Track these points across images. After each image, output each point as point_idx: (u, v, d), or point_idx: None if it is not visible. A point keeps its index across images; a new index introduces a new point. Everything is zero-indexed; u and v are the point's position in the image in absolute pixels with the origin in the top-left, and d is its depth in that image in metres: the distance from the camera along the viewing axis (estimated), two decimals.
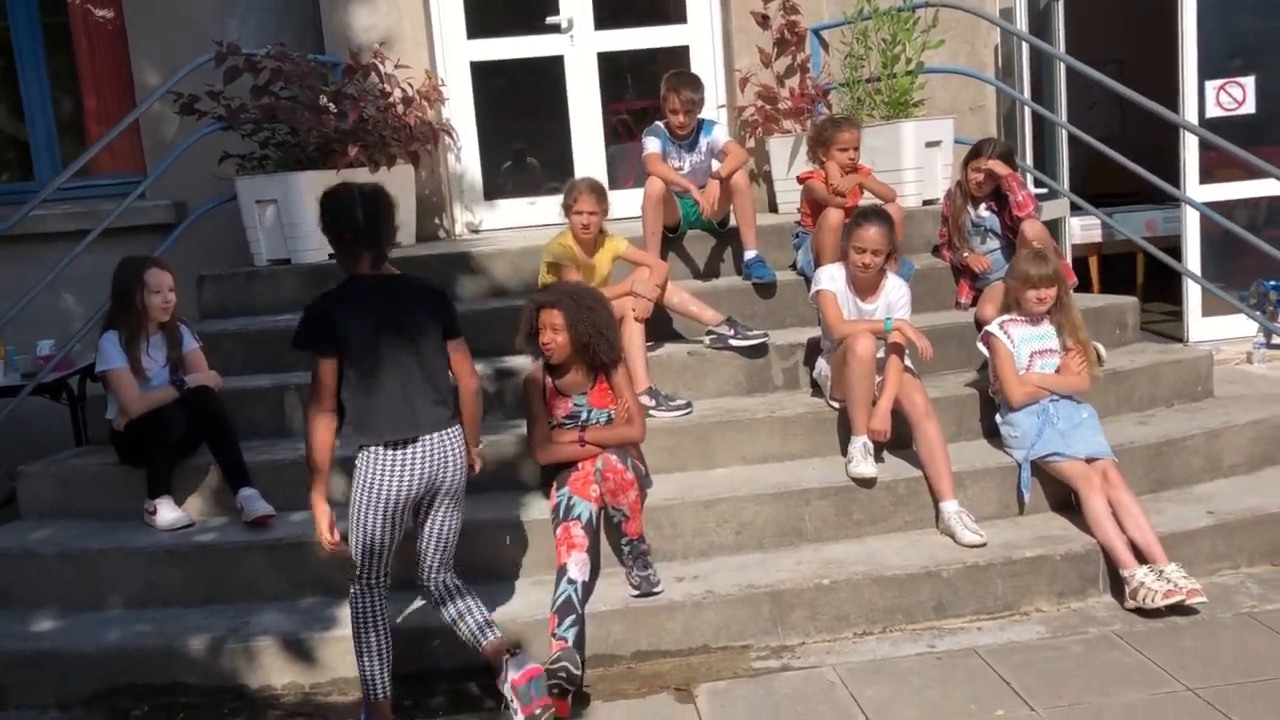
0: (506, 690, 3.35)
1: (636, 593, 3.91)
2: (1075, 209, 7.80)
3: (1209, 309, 8.05)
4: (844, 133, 5.21)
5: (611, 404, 4.14)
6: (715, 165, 5.38)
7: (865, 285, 4.55)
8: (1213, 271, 8.28)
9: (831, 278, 4.56)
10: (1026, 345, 4.44)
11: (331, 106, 5.58)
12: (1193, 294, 8.05)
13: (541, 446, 4.15)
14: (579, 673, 3.47)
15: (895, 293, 4.54)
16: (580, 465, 4.08)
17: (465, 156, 6.90)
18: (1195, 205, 6.28)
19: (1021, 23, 7.19)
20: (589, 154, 6.98)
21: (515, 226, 6.89)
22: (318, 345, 3.28)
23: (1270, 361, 7.85)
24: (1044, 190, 7.06)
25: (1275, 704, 3.26)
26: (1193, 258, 8.15)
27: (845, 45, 6.40)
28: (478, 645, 3.45)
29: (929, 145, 5.89)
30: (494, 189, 7.02)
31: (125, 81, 7.02)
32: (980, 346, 4.53)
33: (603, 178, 6.82)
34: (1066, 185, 7.82)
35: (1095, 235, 9.42)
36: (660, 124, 5.47)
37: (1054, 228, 7.82)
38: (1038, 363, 4.45)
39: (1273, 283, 8.08)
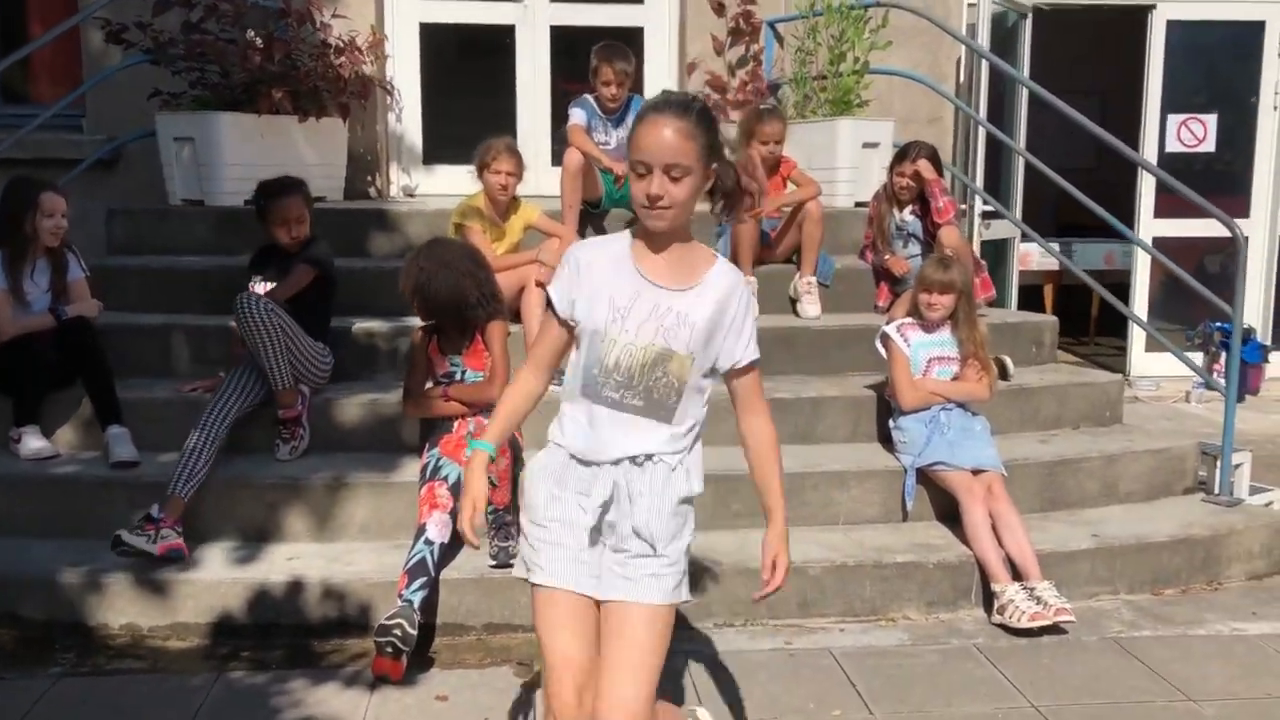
0: None
1: (494, 563, 3.81)
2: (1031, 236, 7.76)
3: (1151, 345, 8.03)
4: (766, 125, 5.13)
5: (486, 365, 4.04)
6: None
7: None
8: (1162, 309, 8.25)
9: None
10: (925, 350, 4.36)
11: (258, 43, 5.45)
12: (1137, 330, 8.02)
13: (410, 400, 4.09)
14: (414, 632, 3.37)
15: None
16: (455, 427, 3.99)
17: (406, 118, 6.80)
18: (1137, 242, 6.21)
19: (984, 38, 7.11)
20: (534, 126, 6.88)
21: (452, 194, 6.75)
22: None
23: (1208, 402, 7.81)
24: (992, 208, 7.01)
25: None
26: (1141, 293, 8.14)
27: (798, 40, 6.32)
28: None
29: (866, 146, 5.81)
30: (434, 154, 6.91)
31: (73, 13, 6.88)
32: (878, 347, 4.45)
33: (548, 154, 6.76)
34: (1020, 206, 7.78)
35: (1053, 263, 9.35)
36: (589, 96, 5.37)
37: (1003, 249, 7.79)
38: (935, 369, 4.37)
39: (1219, 324, 8.06)
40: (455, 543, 3.87)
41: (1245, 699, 3.35)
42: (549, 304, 2.34)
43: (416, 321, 4.71)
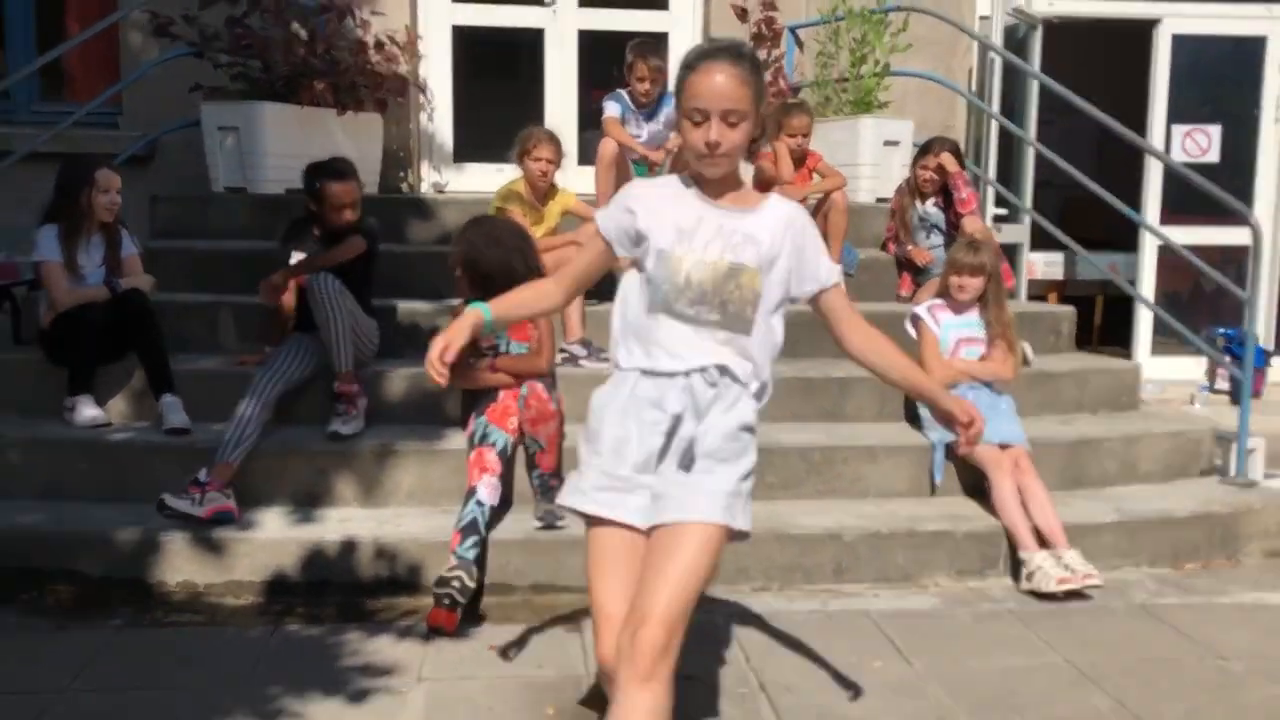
0: None
1: (540, 524, 3.93)
2: (1038, 245, 7.92)
3: (1157, 350, 8.18)
4: (794, 118, 5.30)
5: (531, 337, 4.16)
6: (672, 136, 5.44)
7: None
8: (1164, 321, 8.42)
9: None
10: (953, 331, 4.51)
11: (303, 34, 5.61)
12: (1142, 335, 8.17)
13: (455, 371, 4.16)
14: (473, 585, 3.48)
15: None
16: (500, 397, 4.10)
17: (438, 117, 6.96)
18: (1158, 233, 6.32)
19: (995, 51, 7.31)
20: (562, 128, 6.97)
21: (480, 192, 6.91)
22: None
23: (1213, 405, 7.97)
24: (1003, 212, 7.18)
25: (1147, 679, 3.30)
26: (1146, 296, 8.29)
27: (819, 44, 6.50)
28: None
29: (887, 144, 5.99)
30: (463, 152, 7.07)
31: (109, 9, 7.05)
32: (908, 328, 4.59)
33: (575, 154, 6.90)
34: (1028, 216, 7.95)
35: (1057, 273, 9.51)
36: (623, 91, 5.53)
37: (1011, 254, 7.94)
38: (963, 350, 4.51)
39: (1222, 330, 8.23)
40: (504, 505, 4.01)
41: (1273, 657, 3.47)
42: (597, 230, 2.41)
43: (455, 302, 4.86)
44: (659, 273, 2.30)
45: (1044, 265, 9.35)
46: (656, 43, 5.53)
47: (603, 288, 5.22)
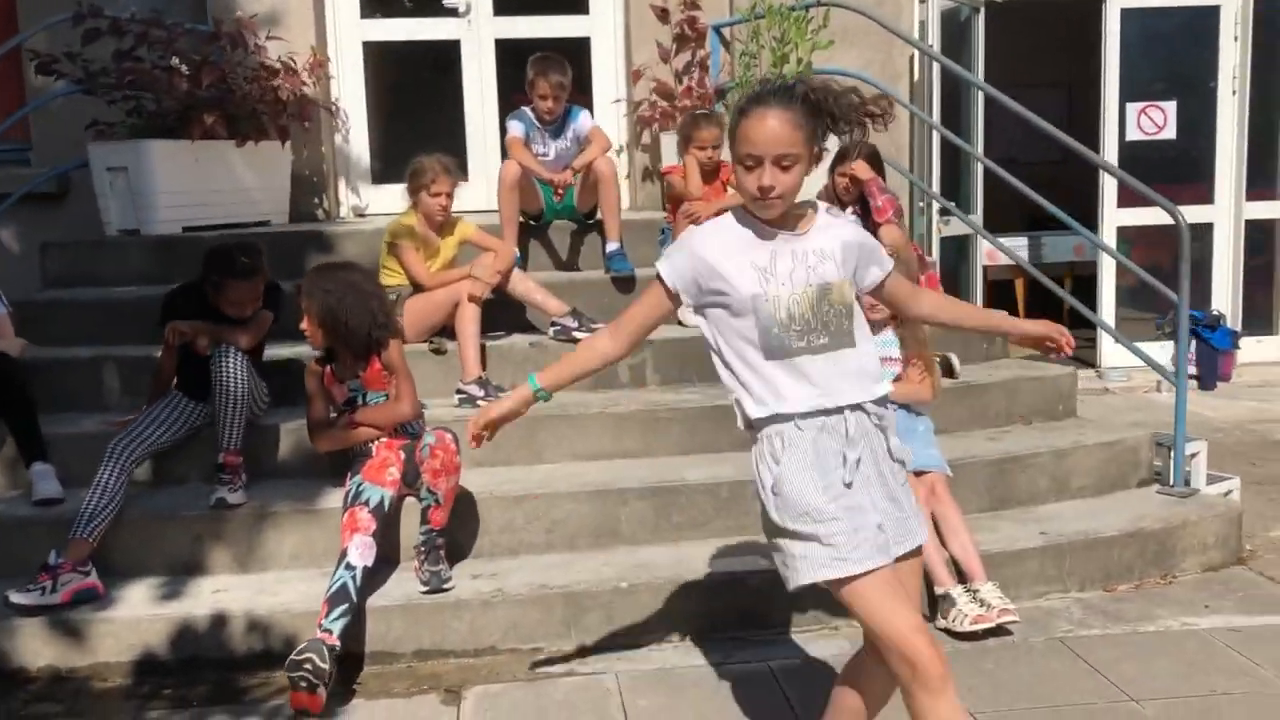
0: None
1: (425, 588, 3.71)
2: (999, 230, 7.67)
3: (1124, 332, 7.94)
4: (703, 130, 5.06)
5: (389, 385, 3.95)
6: (580, 156, 5.22)
7: None
8: (1132, 298, 8.18)
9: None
10: None
11: (184, 69, 5.38)
12: (1106, 320, 7.93)
13: (316, 433, 3.99)
14: (325, 666, 3.27)
15: None
16: (376, 451, 3.90)
17: (354, 138, 6.73)
18: (1086, 234, 6.11)
19: (933, 37, 7.05)
20: (484, 140, 6.82)
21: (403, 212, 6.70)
22: None
23: None
24: (951, 204, 6.93)
25: None
26: (1109, 283, 8.06)
27: (742, 43, 6.25)
28: None
29: None
30: (383, 172, 6.83)
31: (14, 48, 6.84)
32: None
33: (497, 167, 6.67)
34: (981, 200, 7.70)
35: (1021, 257, 9.24)
36: (526, 109, 5.31)
37: (965, 244, 7.72)
38: None
39: (1190, 312, 7.97)
40: (381, 568, 3.79)
41: (1188, 697, 3.25)
42: (659, 278, 2.43)
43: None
44: (761, 319, 2.33)
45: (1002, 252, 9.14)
46: (560, 56, 5.27)
47: (514, 319, 5.07)
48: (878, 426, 2.40)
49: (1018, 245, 9.38)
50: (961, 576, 3.85)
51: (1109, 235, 7.94)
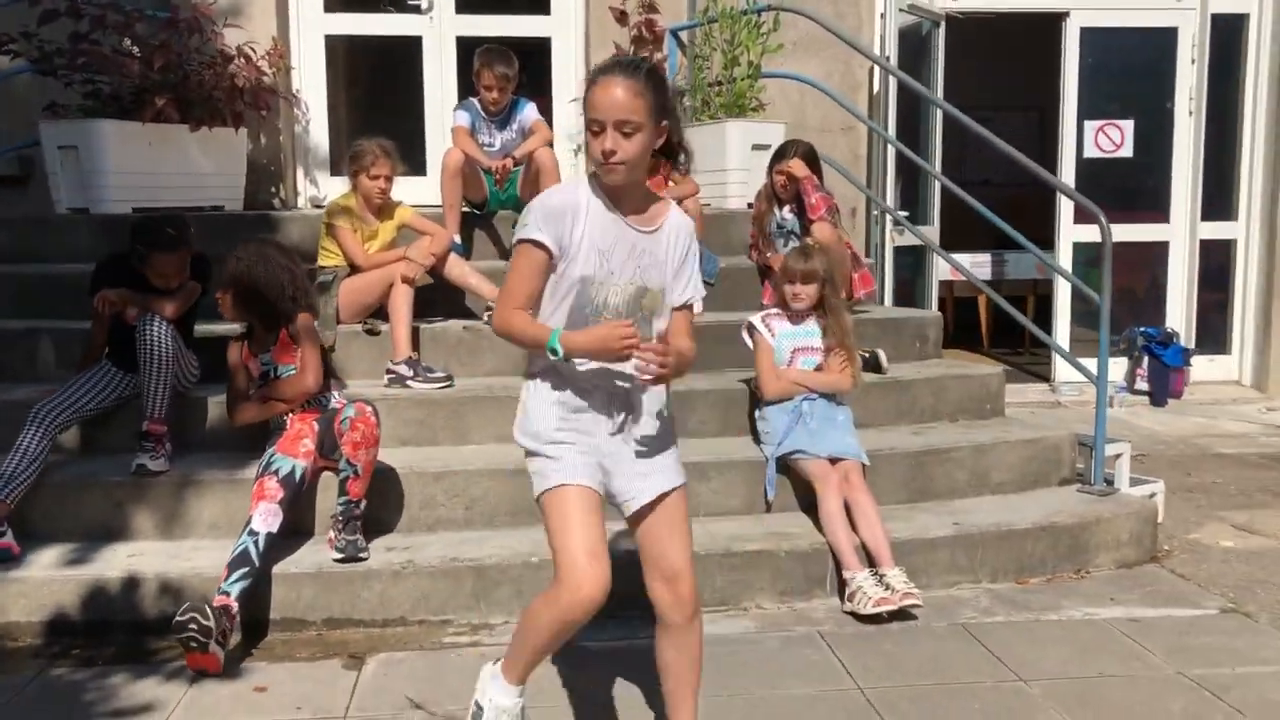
0: None
1: (340, 556, 3.75)
2: (961, 247, 7.74)
3: (1076, 352, 8.00)
4: None
5: (295, 359, 3.99)
6: (522, 145, 5.29)
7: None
8: (1087, 316, 8.23)
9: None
10: (789, 341, 4.33)
11: (135, 51, 5.44)
12: (1061, 336, 8.02)
13: (232, 407, 4.04)
14: (209, 624, 3.29)
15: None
16: (290, 424, 3.94)
17: (313, 129, 6.80)
18: (1032, 250, 6.17)
19: (890, 48, 7.13)
20: (443, 135, 6.85)
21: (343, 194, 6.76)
22: None
23: (1131, 406, 7.82)
24: (905, 213, 7.01)
25: (937, 706, 3.13)
26: (1064, 300, 8.13)
27: (695, 46, 6.34)
28: None
29: (756, 148, 5.81)
30: (341, 164, 6.85)
31: None
32: (744, 337, 4.42)
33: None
34: (938, 213, 7.77)
35: (985, 274, 9.36)
36: (474, 99, 5.37)
37: (920, 256, 7.79)
38: (800, 359, 4.34)
39: (1142, 329, 8.06)
40: (295, 539, 3.84)
41: (1075, 678, 3.30)
42: (538, 245, 2.41)
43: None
44: (580, 296, 2.45)
45: (970, 266, 9.20)
46: (507, 49, 5.34)
47: (453, 305, 5.11)
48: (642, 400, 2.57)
49: (981, 263, 9.49)
50: (871, 562, 3.89)
51: (1065, 251, 8.03)
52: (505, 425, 4.37)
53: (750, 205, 5.77)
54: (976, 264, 9.25)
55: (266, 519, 3.61)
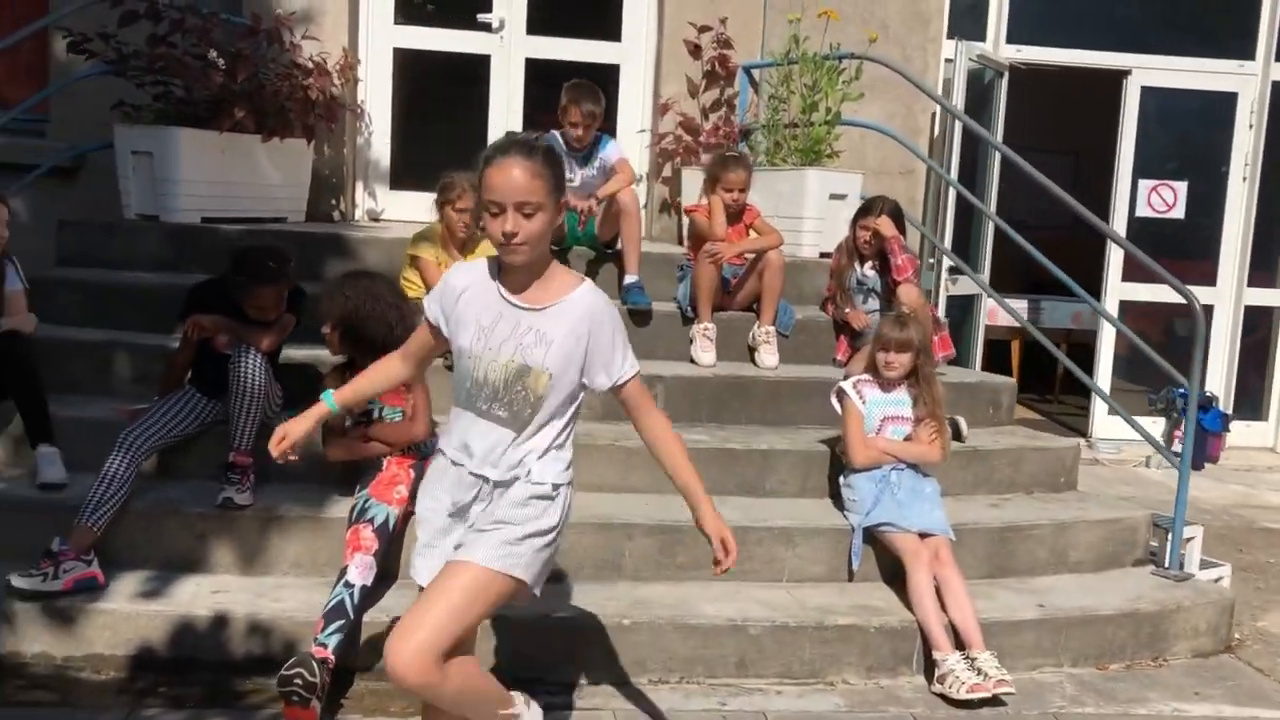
0: None
1: None
2: (1005, 289, 7.74)
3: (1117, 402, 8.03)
4: (730, 173, 5.08)
5: (403, 401, 3.94)
6: (604, 186, 5.24)
7: None
8: (1127, 371, 8.27)
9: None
10: (879, 409, 4.30)
11: (220, 63, 5.37)
12: (1101, 386, 8.01)
13: (329, 440, 3.97)
14: (315, 680, 3.24)
15: None
16: (385, 466, 3.89)
17: (376, 142, 6.73)
18: (1099, 309, 6.21)
19: (958, 97, 7.11)
20: None
21: (417, 221, 6.68)
22: None
23: (1168, 469, 7.80)
24: (959, 261, 6.98)
25: None
26: (1106, 354, 8.15)
27: (771, 87, 6.30)
28: None
29: (834, 197, 5.77)
30: (401, 178, 6.83)
31: (38, 11, 6.78)
32: (834, 402, 4.38)
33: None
34: (989, 260, 7.76)
35: (1025, 320, 9.34)
36: (556, 133, 5.31)
37: (969, 304, 7.77)
38: (889, 428, 4.30)
39: (1181, 390, 8.06)
40: (382, 584, 3.78)
41: None
42: (427, 318, 2.59)
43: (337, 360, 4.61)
44: (461, 370, 2.53)
45: (1006, 312, 9.20)
46: (594, 85, 5.29)
47: None
48: (494, 492, 2.54)
49: (1017, 308, 9.47)
50: (959, 642, 3.87)
51: (1111, 307, 8.03)
52: (587, 474, 4.39)
53: (823, 255, 5.75)
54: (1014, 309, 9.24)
55: (363, 572, 3.56)
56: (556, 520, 2.59)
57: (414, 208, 6.74)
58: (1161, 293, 7.78)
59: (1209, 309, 8.14)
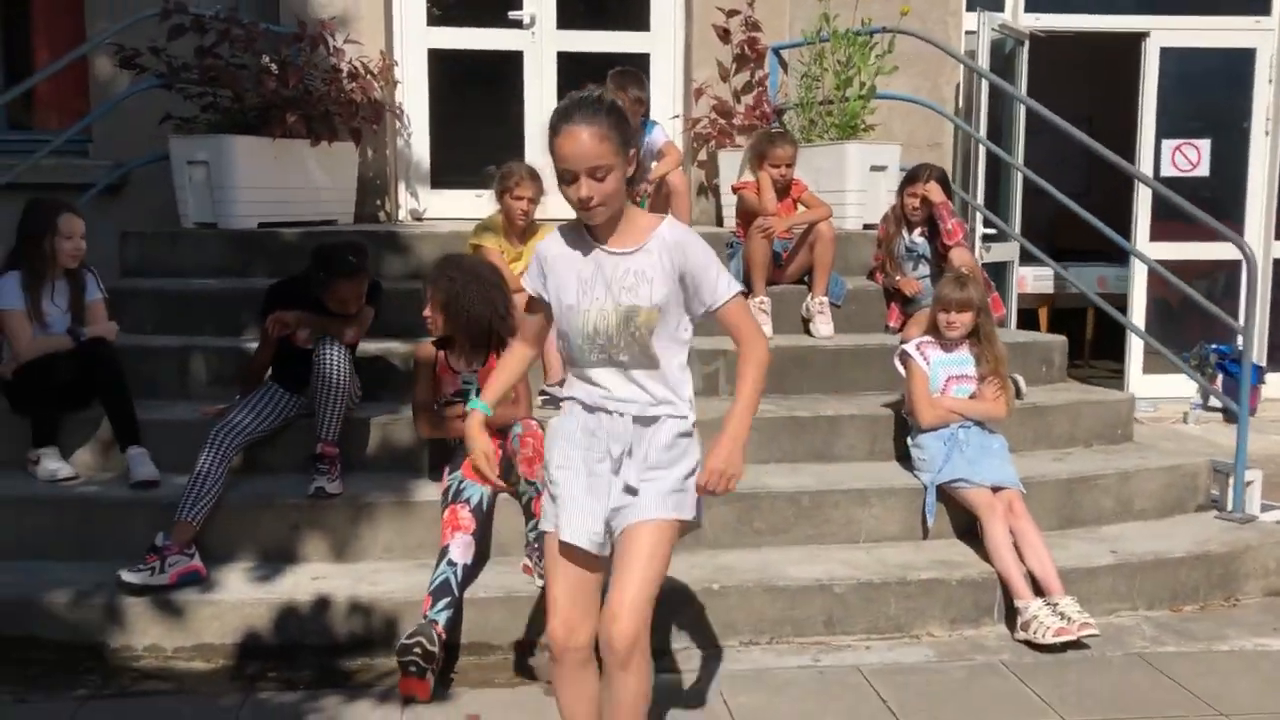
0: None
1: (540, 581, 3.78)
2: (1028, 259, 7.84)
3: (1149, 367, 8.13)
4: (778, 149, 5.18)
5: None
6: (655, 166, 5.33)
7: None
8: (1156, 332, 8.31)
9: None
10: (943, 369, 4.39)
11: (273, 68, 5.48)
12: (1134, 351, 8.10)
13: (421, 418, 4.07)
14: (434, 649, 3.35)
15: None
16: None
17: (415, 142, 6.83)
18: (1144, 259, 6.29)
19: (984, 63, 7.19)
20: (542, 152, 6.87)
21: (459, 218, 6.79)
22: None
23: (1205, 424, 7.90)
24: (993, 231, 7.08)
25: None
26: (1138, 315, 8.21)
27: (803, 65, 6.39)
28: None
29: (874, 169, 5.86)
30: (441, 177, 6.92)
31: (79, 40, 6.90)
32: (897, 365, 4.47)
33: (553, 177, 6.78)
34: (1019, 229, 7.84)
35: (1047, 287, 9.45)
36: None
37: (1001, 271, 7.85)
38: (953, 387, 4.39)
39: (1214, 346, 8.14)
40: (479, 563, 3.88)
41: (1275, 713, 3.36)
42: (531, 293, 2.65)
43: (424, 341, 4.72)
44: (570, 325, 2.56)
45: (1033, 280, 9.29)
46: (638, 70, 5.38)
47: None
48: (643, 434, 2.55)
49: (1042, 274, 9.54)
50: (1038, 590, 3.95)
51: (1141, 268, 8.09)
52: None
53: (867, 226, 5.84)
54: (1039, 276, 9.32)
55: (464, 550, 3.66)
56: (699, 451, 2.63)
57: (455, 205, 6.85)
58: (1189, 250, 7.89)
59: (1237, 263, 8.21)
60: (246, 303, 4.80)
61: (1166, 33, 7.94)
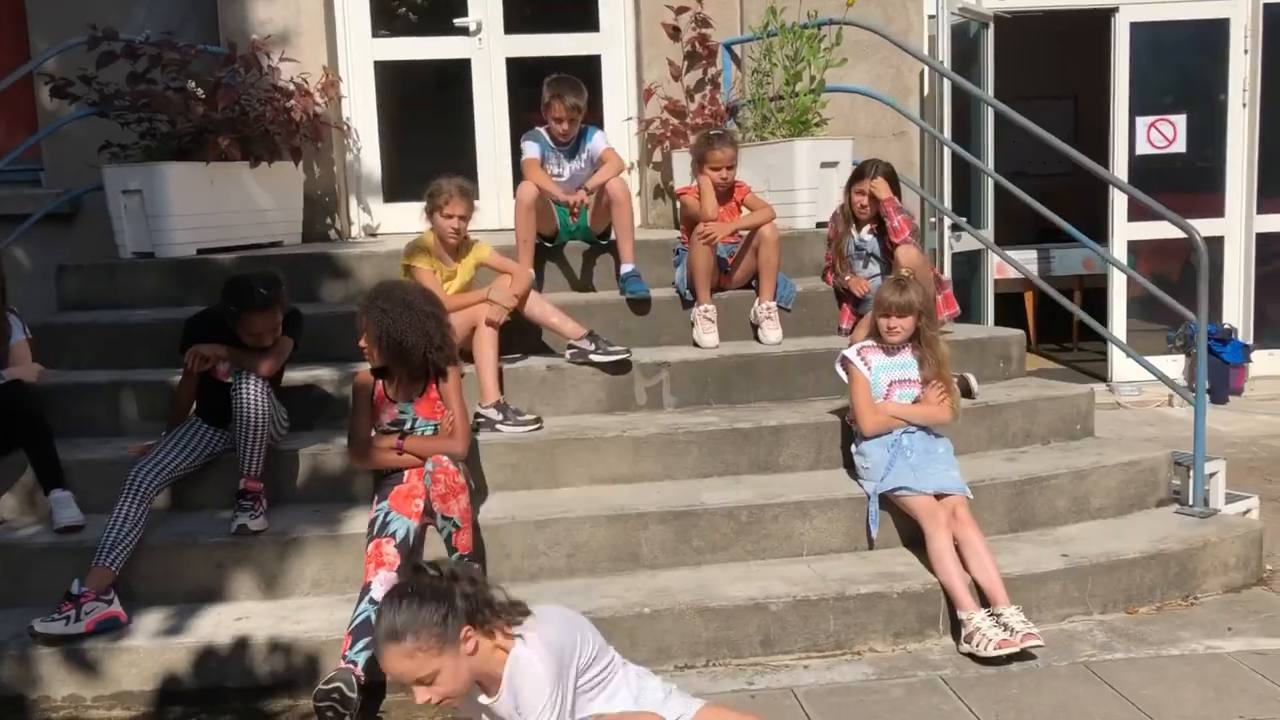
0: None
1: None
2: (1011, 242, 7.68)
3: (1132, 344, 7.94)
4: (716, 151, 5.05)
5: (440, 415, 3.94)
6: (594, 176, 5.21)
7: None
8: (1144, 310, 8.18)
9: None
10: (885, 373, 4.27)
11: (199, 93, 5.38)
12: (1116, 329, 7.93)
13: (356, 449, 3.97)
14: (354, 695, 3.27)
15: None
16: (406, 478, 3.88)
17: (365, 156, 6.74)
18: (1105, 255, 6.12)
19: (944, 51, 7.04)
20: (495, 158, 6.84)
21: (415, 231, 6.68)
22: None
23: (1191, 406, 7.73)
24: (963, 219, 6.93)
25: None
26: (1119, 297, 8.06)
27: (754, 61, 6.26)
28: None
29: (825, 166, 5.72)
30: (395, 191, 6.83)
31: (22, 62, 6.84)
32: (839, 370, 4.36)
33: (510, 186, 6.68)
34: (992, 213, 7.69)
35: (1033, 270, 9.27)
36: (541, 129, 5.30)
37: (976, 259, 7.71)
38: (896, 392, 4.27)
39: (1196, 327, 7.96)
40: None
41: None
42: None
43: (366, 367, 4.63)
44: None
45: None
46: (575, 78, 5.26)
47: (529, 342, 5.05)
48: None
49: (1027, 258, 9.38)
50: (983, 600, 3.84)
51: (1119, 249, 7.94)
52: (596, 467, 4.40)
53: (820, 225, 5.70)
54: (1022, 260, 9.15)
55: (386, 588, 3.55)
56: None
57: (410, 219, 6.65)
58: (1170, 229, 7.69)
59: (1219, 240, 8.03)
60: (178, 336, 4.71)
61: (1135, 7, 7.76)
